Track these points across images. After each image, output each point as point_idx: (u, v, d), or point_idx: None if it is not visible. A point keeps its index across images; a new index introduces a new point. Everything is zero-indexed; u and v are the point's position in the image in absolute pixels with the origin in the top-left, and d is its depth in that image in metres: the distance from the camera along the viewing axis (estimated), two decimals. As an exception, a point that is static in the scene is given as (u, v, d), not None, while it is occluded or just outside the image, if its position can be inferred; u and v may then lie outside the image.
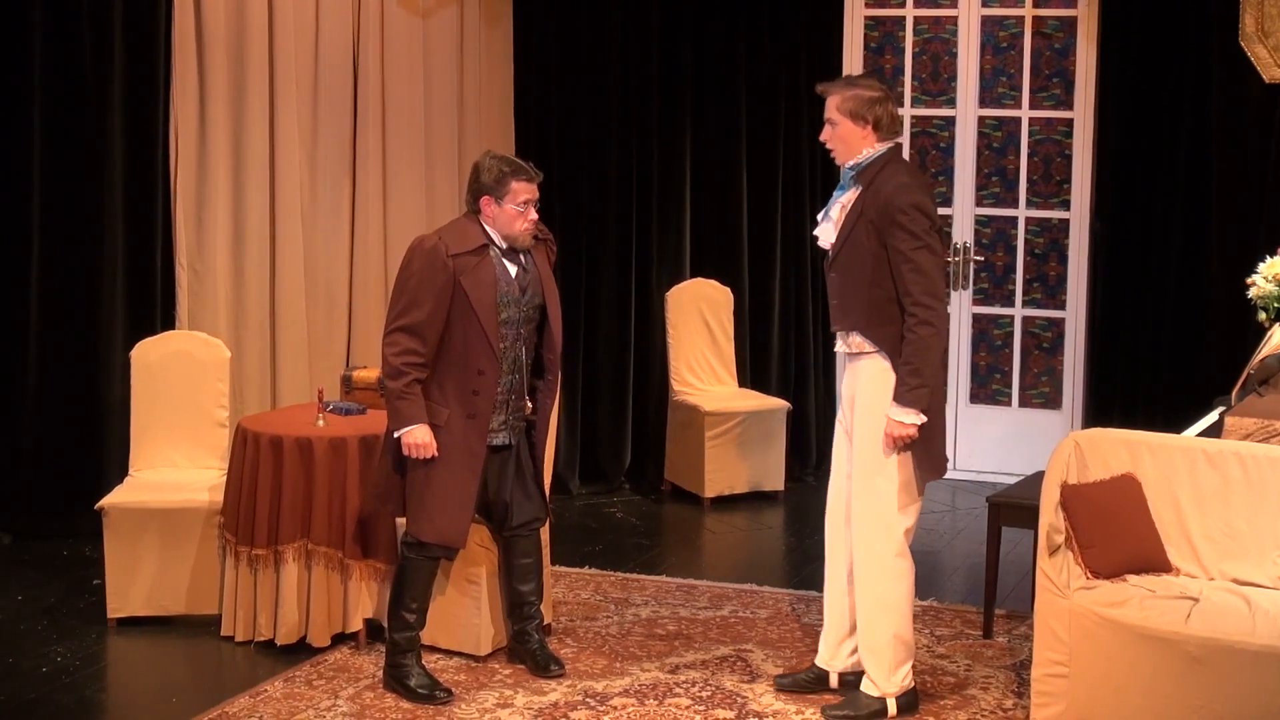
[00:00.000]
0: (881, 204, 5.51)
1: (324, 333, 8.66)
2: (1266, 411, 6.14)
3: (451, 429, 5.82)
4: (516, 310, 5.88)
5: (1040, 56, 9.31)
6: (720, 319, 9.37)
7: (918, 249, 5.47)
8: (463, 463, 5.85)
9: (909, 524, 5.69)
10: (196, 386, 7.11)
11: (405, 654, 6.01)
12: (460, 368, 5.83)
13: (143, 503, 6.71)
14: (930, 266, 5.47)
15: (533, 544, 6.23)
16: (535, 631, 6.24)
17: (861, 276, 5.57)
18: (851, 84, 5.69)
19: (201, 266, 8.16)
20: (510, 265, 5.90)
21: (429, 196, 9.14)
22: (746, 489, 8.94)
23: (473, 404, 5.82)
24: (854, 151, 5.65)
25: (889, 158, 5.63)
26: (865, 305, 5.58)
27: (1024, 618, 6.69)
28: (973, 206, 9.47)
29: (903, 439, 5.53)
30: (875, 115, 5.62)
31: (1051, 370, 9.42)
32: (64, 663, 6.33)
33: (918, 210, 5.49)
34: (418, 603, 6.02)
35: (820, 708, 5.84)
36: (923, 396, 5.47)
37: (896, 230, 5.48)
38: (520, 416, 6.03)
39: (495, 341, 5.80)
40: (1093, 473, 5.74)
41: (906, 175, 5.60)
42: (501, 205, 5.85)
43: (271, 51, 8.31)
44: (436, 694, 5.92)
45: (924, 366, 5.45)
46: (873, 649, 5.76)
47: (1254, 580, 5.58)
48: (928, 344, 5.46)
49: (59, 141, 7.82)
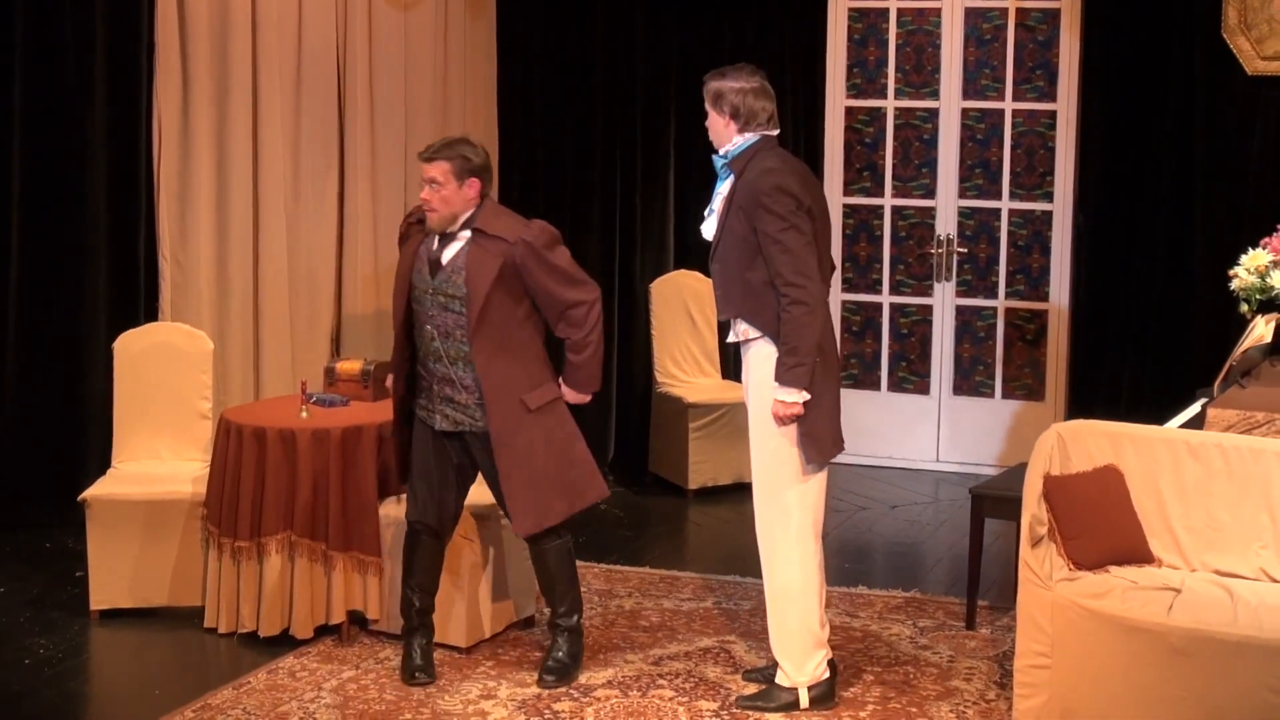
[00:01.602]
0: (749, 190, 5.54)
1: (307, 325, 8.65)
2: (1249, 403, 6.16)
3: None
4: (424, 291, 5.84)
5: (1023, 49, 9.31)
6: (704, 311, 9.36)
7: (784, 230, 5.48)
8: (409, 435, 6.08)
9: (808, 508, 5.67)
10: (179, 378, 7.10)
11: (411, 633, 6.10)
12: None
13: (125, 494, 6.71)
14: (798, 246, 5.48)
15: (535, 554, 6.08)
16: (557, 635, 6.15)
17: (738, 263, 5.60)
18: (722, 74, 5.70)
19: (185, 258, 8.14)
20: (435, 247, 5.85)
21: (412, 189, 9.12)
22: (730, 481, 8.94)
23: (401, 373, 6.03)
24: (723, 140, 5.68)
25: (760, 146, 5.63)
26: (743, 291, 5.61)
27: (1007, 609, 6.70)
28: (956, 198, 9.48)
29: (787, 418, 5.53)
30: (733, 105, 5.62)
31: (1034, 362, 9.43)
32: (47, 655, 6.32)
33: (781, 191, 5.50)
34: (414, 578, 6.06)
35: (736, 697, 5.86)
36: (802, 375, 5.47)
37: (762, 213, 5.50)
38: (466, 413, 5.88)
39: (398, 312, 5.90)
40: (1075, 464, 5.76)
41: (774, 160, 5.61)
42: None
43: (255, 42, 8.28)
44: (417, 675, 6.01)
45: (800, 345, 5.46)
46: (780, 639, 5.76)
47: (1236, 571, 5.60)
48: (802, 322, 5.46)
49: (40, 131, 7.79)
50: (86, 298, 7.93)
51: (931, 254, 9.53)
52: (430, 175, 5.76)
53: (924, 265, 9.57)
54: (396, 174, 9.03)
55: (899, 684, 6.07)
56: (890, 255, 9.64)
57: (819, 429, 5.61)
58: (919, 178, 9.54)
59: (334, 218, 8.77)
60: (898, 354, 9.68)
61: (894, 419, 9.67)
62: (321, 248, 8.71)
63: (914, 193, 9.56)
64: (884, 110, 9.58)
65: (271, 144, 8.37)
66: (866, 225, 9.69)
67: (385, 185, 8.97)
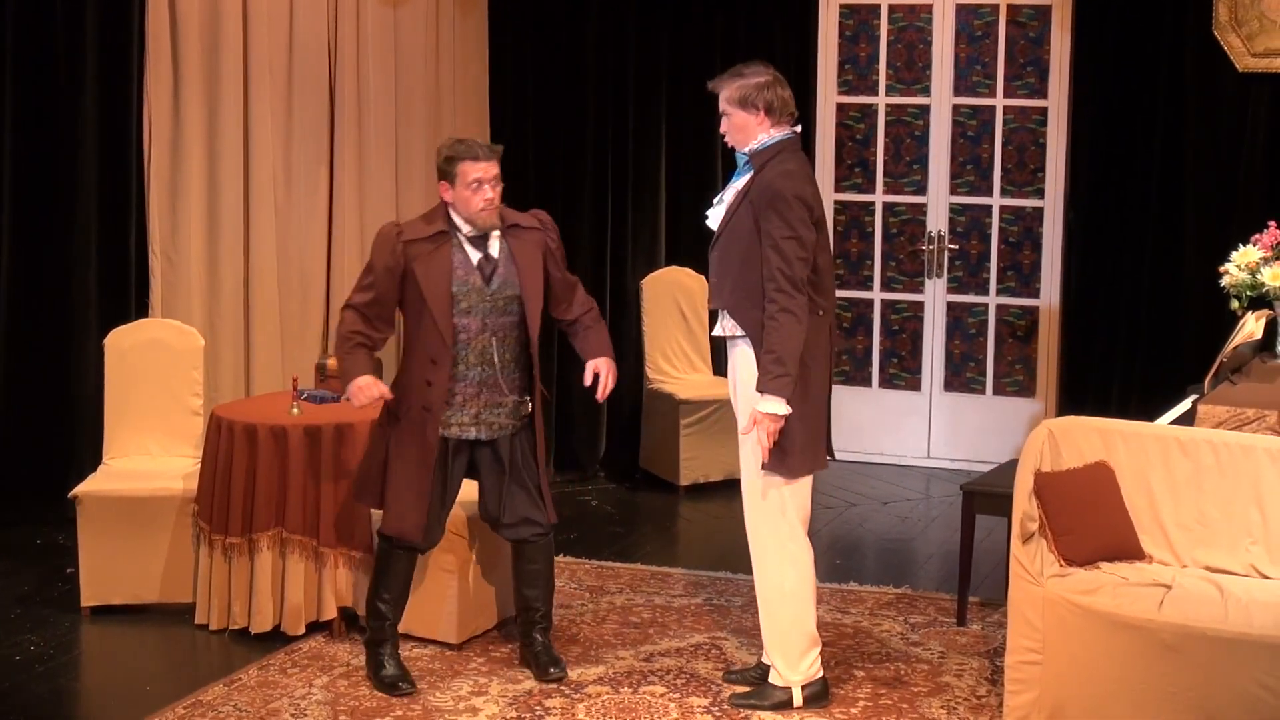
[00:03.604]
0: (765, 187, 5.51)
1: (298, 321, 8.64)
2: (1239, 400, 6.17)
3: (410, 418, 5.80)
4: (480, 300, 5.78)
5: (1015, 45, 9.31)
6: (695, 307, 9.37)
7: (787, 238, 5.44)
8: (414, 455, 5.81)
9: (795, 509, 5.64)
10: (170, 374, 7.09)
11: (380, 644, 6.00)
12: (418, 356, 5.80)
13: (116, 491, 6.70)
14: (795, 257, 5.43)
15: (539, 550, 6.08)
16: (540, 635, 6.15)
17: (736, 258, 5.56)
18: (738, 74, 5.66)
19: (175, 254, 8.12)
20: (474, 253, 5.80)
21: (403, 186, 9.13)
22: (721, 477, 8.94)
23: (426, 395, 5.77)
24: (749, 138, 5.63)
25: (783, 145, 5.60)
26: (734, 284, 5.58)
27: (998, 605, 6.71)
28: (947, 195, 9.48)
29: (769, 431, 5.44)
30: (766, 100, 5.59)
31: (1025, 358, 9.44)
32: (38, 651, 6.32)
33: (798, 200, 5.47)
34: (390, 593, 5.99)
35: (729, 695, 5.86)
36: (785, 385, 5.40)
37: (772, 214, 5.46)
38: (508, 414, 5.91)
39: (447, 331, 5.73)
40: (1066, 460, 5.76)
41: (795, 164, 5.58)
42: (455, 188, 5.76)
43: (246, 38, 8.26)
44: (400, 685, 5.89)
45: (785, 354, 5.40)
46: (774, 638, 5.76)
47: (1226, 568, 5.61)
48: (788, 330, 5.41)
49: (31, 127, 7.78)
50: (77, 294, 7.92)
51: (923, 250, 9.53)
52: (494, 173, 5.76)
53: (915, 262, 9.58)
54: (387, 170, 9.02)
55: (890, 680, 6.07)
56: (881, 252, 9.65)
57: (808, 443, 5.56)
58: (910, 174, 9.54)
59: (324, 213, 8.77)
60: (889, 350, 9.69)
61: (885, 415, 9.68)
62: (312, 244, 8.71)
63: (905, 189, 9.57)
64: (875, 107, 9.58)
65: (262, 140, 8.36)
66: (858, 222, 9.69)
67: (375, 181, 8.95)
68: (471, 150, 5.77)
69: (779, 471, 5.55)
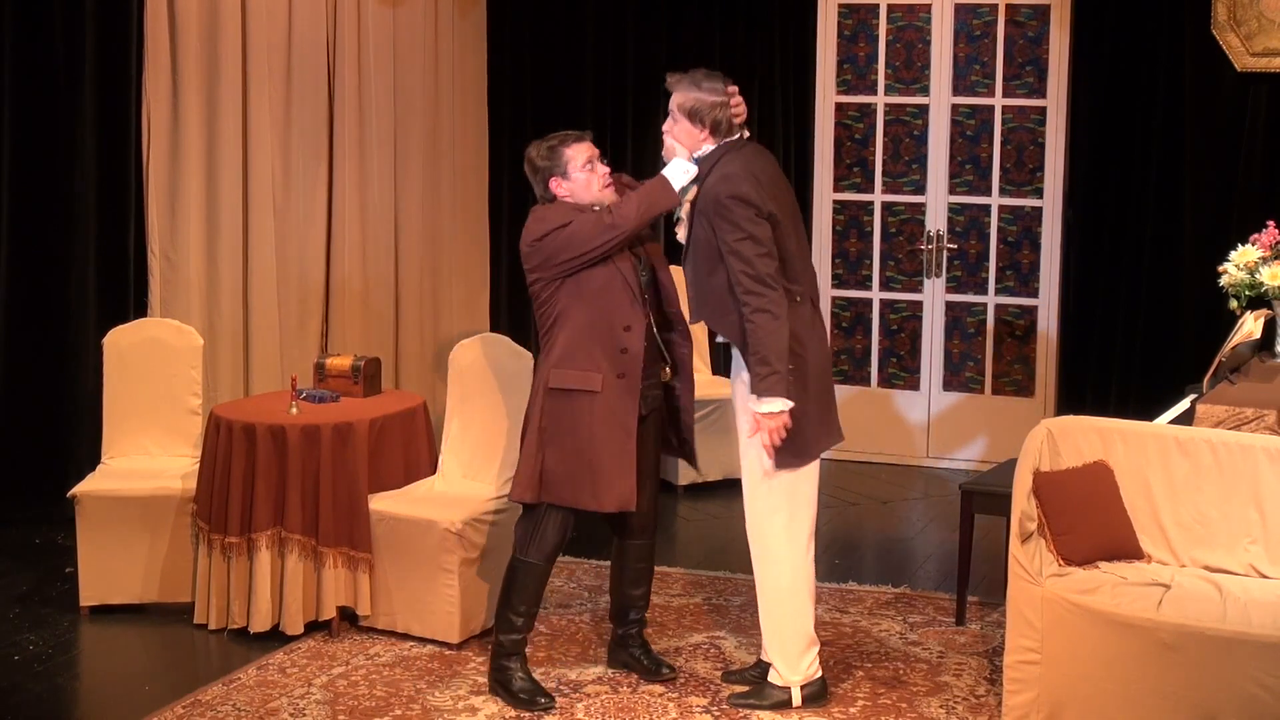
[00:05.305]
0: (707, 196, 5.52)
1: (297, 320, 8.64)
2: (1238, 399, 6.17)
3: (606, 393, 5.65)
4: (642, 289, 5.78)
5: (1014, 45, 9.31)
6: (694, 307, 9.35)
7: (740, 240, 5.44)
8: (617, 423, 5.65)
9: (798, 506, 5.65)
10: (169, 374, 7.09)
11: (510, 657, 5.86)
12: (602, 329, 5.66)
13: (115, 490, 6.70)
14: (754, 255, 5.43)
15: (648, 550, 6.06)
16: (639, 636, 6.11)
17: (703, 266, 5.58)
18: (697, 84, 5.61)
19: (174, 253, 8.12)
20: None
21: (402, 185, 9.13)
22: (720, 477, 8.92)
23: (621, 362, 5.66)
24: (690, 149, 5.62)
25: (725, 150, 5.58)
26: (708, 296, 5.60)
27: (996, 605, 6.71)
28: (946, 194, 9.48)
29: (775, 431, 5.45)
30: (714, 119, 5.57)
31: (1024, 358, 9.44)
32: (37, 651, 6.32)
33: (736, 200, 5.45)
34: (526, 606, 5.84)
35: (727, 695, 5.86)
36: (777, 383, 5.40)
37: (720, 221, 5.47)
38: (654, 384, 5.83)
39: (638, 290, 5.69)
40: (1065, 460, 5.76)
41: (735, 165, 5.54)
42: (570, 177, 5.70)
43: (245, 37, 8.27)
44: (538, 699, 5.77)
45: (769, 354, 5.40)
46: (773, 638, 5.76)
47: (1225, 567, 5.61)
48: (766, 329, 5.41)
49: (29, 127, 7.77)
50: (76, 293, 7.92)
51: (921, 250, 9.53)
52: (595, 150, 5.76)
53: (914, 261, 9.58)
54: (386, 169, 9.02)
55: (889, 680, 6.07)
56: (880, 251, 9.65)
57: (800, 435, 5.55)
58: (909, 174, 9.54)
59: (323, 213, 8.77)
60: (888, 350, 9.69)
61: (884, 415, 9.68)
62: (311, 243, 8.71)
63: (904, 189, 9.57)
64: (874, 106, 9.58)
65: (261, 139, 8.36)
66: (857, 221, 9.69)
67: (375, 180, 8.96)
68: (565, 137, 5.74)
69: (792, 463, 5.57)
